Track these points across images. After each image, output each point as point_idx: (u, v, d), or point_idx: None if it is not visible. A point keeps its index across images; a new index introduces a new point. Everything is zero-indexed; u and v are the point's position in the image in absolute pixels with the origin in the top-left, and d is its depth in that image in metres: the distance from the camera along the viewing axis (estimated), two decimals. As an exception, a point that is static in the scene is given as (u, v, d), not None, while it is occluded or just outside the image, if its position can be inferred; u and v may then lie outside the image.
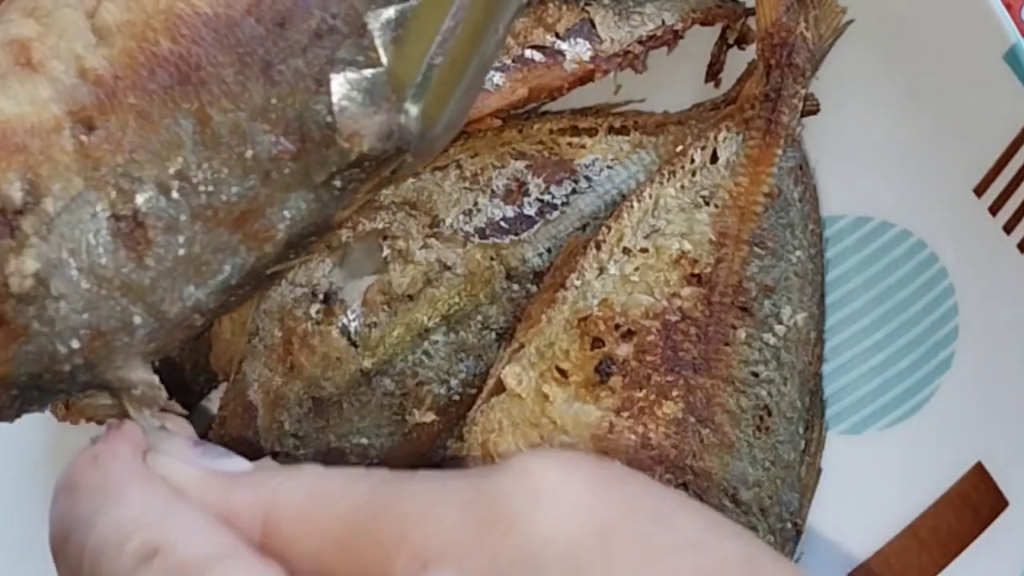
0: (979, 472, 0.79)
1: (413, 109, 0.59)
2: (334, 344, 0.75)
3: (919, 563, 0.80)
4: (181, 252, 0.57)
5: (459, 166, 0.78)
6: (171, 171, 0.56)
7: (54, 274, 0.55)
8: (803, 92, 0.76)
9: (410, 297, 0.75)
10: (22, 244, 0.55)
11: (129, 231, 0.56)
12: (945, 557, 0.79)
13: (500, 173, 0.78)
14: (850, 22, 0.79)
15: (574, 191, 0.78)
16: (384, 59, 0.59)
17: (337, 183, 0.59)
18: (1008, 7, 0.77)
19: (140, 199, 0.56)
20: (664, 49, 0.80)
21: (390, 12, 0.59)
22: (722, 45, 0.82)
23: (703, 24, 0.80)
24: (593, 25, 0.77)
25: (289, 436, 0.75)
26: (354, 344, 0.75)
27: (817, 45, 0.77)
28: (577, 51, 0.77)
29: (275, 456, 0.75)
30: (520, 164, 0.78)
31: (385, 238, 0.76)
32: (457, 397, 0.76)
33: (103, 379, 0.59)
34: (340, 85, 0.58)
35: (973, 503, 0.79)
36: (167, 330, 0.58)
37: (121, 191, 0.56)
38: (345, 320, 0.75)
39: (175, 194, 0.56)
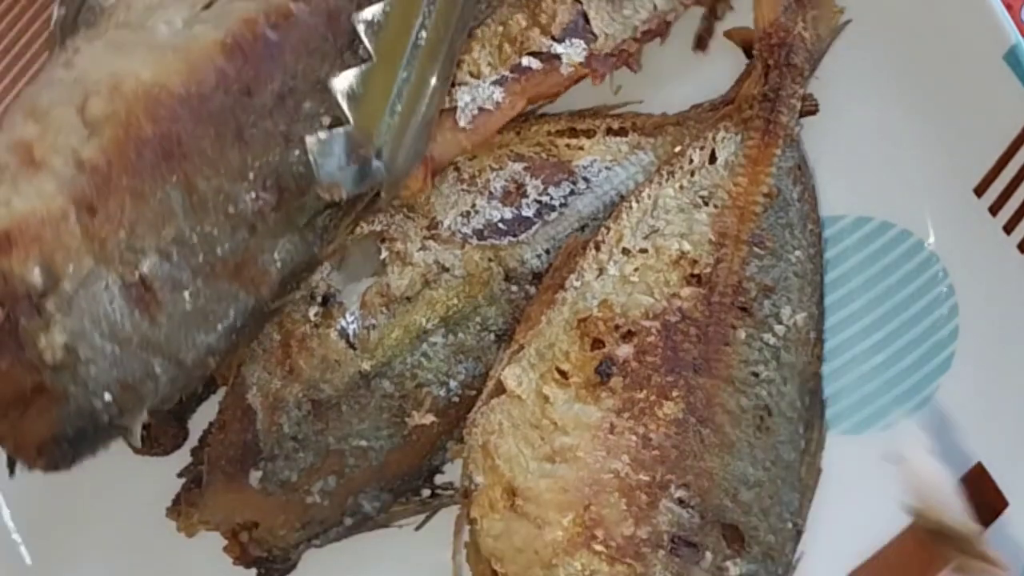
0: (979, 472, 0.79)
1: (381, 157, 0.68)
2: (332, 346, 0.75)
3: (919, 563, 0.79)
4: (188, 306, 0.64)
5: (457, 168, 0.78)
6: (168, 238, 0.63)
7: (80, 343, 0.62)
8: (801, 92, 0.76)
9: (408, 299, 0.75)
10: (48, 322, 0.61)
11: (139, 295, 0.63)
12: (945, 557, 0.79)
13: (498, 175, 0.78)
14: (848, 22, 0.79)
15: (572, 192, 0.78)
16: (350, 117, 0.67)
17: (319, 222, 0.68)
18: (1008, 7, 0.77)
19: (145, 266, 0.63)
20: (662, 52, 0.81)
21: (350, 75, 0.68)
22: (711, 16, 0.82)
23: (698, 4, 0.81)
24: (587, 20, 0.77)
25: (288, 439, 0.75)
26: (352, 346, 0.75)
27: (815, 45, 0.77)
28: (573, 52, 0.77)
29: (274, 459, 0.75)
30: (518, 166, 0.78)
31: (383, 240, 0.76)
32: (456, 399, 0.76)
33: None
34: (314, 144, 0.66)
35: (973, 503, 0.79)
36: (185, 374, 0.66)
37: (126, 262, 0.62)
38: (343, 322, 0.75)
39: (175, 257, 0.63)
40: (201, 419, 0.81)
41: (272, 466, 0.75)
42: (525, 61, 0.77)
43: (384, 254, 0.76)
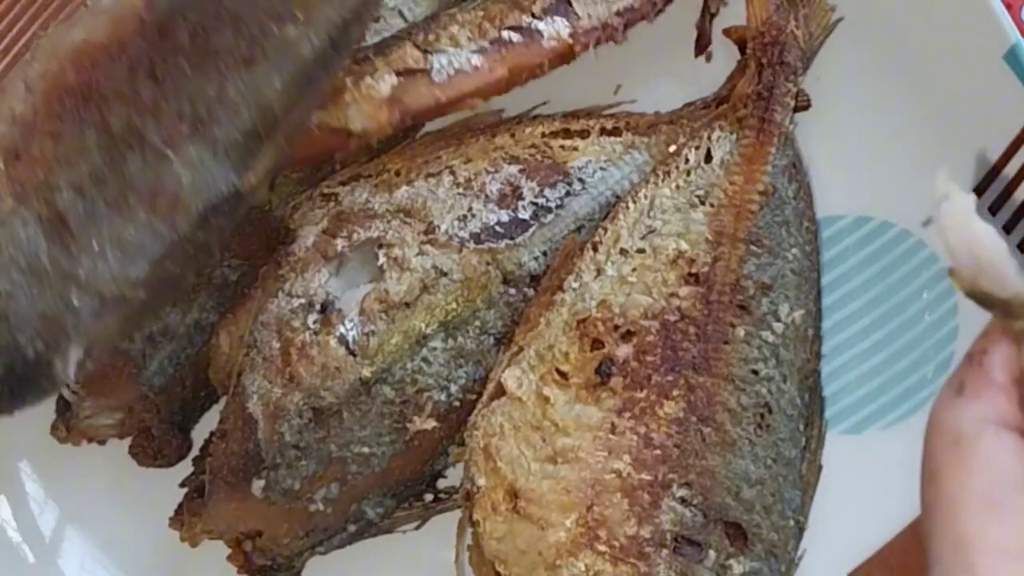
0: (980, 471, 0.79)
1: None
2: (332, 354, 0.75)
3: (919, 563, 0.79)
4: (104, 239, 0.66)
5: (452, 172, 0.78)
6: (82, 173, 0.66)
7: (0, 278, 0.66)
8: (795, 90, 0.77)
9: (407, 304, 0.75)
10: None
11: (55, 229, 0.66)
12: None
13: (494, 178, 0.78)
14: (840, 20, 0.80)
15: (568, 194, 0.78)
16: None
17: (233, 156, 0.69)
18: (1008, 7, 0.77)
19: (60, 202, 0.66)
20: (655, 51, 0.81)
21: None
22: (705, 16, 0.82)
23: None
24: (570, 3, 0.78)
25: (290, 447, 0.75)
26: (352, 353, 0.75)
27: (808, 43, 0.77)
28: (555, 28, 0.77)
29: (276, 468, 0.75)
30: (513, 168, 0.78)
31: (380, 246, 0.76)
32: (457, 403, 0.76)
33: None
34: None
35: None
36: (109, 307, 0.67)
37: (44, 200, 0.66)
38: (343, 329, 0.75)
39: (89, 192, 0.66)
40: (204, 429, 0.81)
41: (275, 475, 0.75)
42: (505, 35, 0.77)
43: (382, 260, 0.76)
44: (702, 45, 0.82)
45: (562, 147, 0.79)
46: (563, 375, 0.73)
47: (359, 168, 0.79)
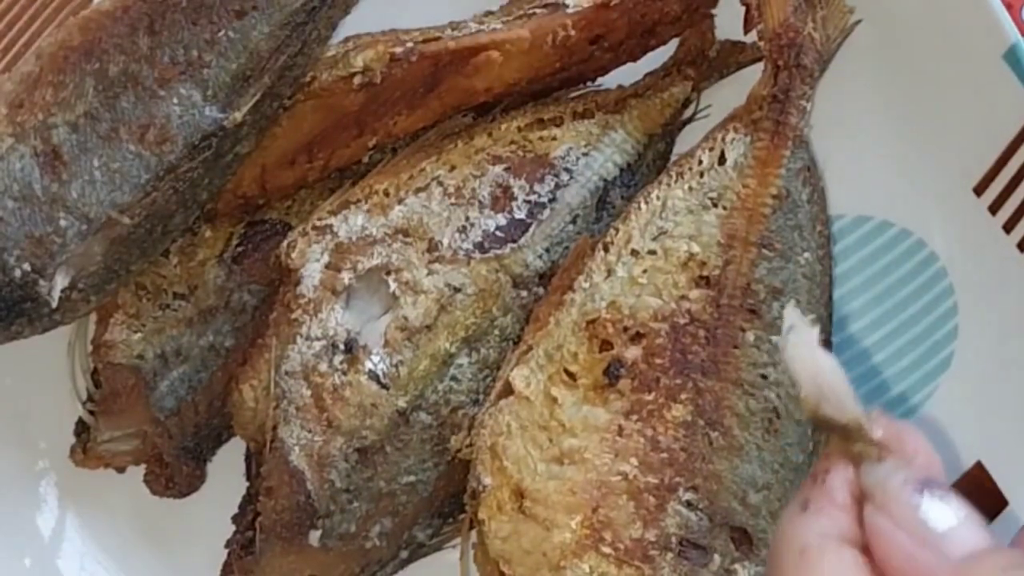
0: (979, 472, 0.79)
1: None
2: (366, 391, 0.74)
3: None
4: (95, 167, 0.72)
5: (440, 183, 0.77)
6: (78, 112, 0.72)
7: None
8: (811, 93, 0.76)
9: (428, 327, 0.75)
10: None
11: (48, 160, 0.72)
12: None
13: (482, 182, 0.78)
14: (858, 22, 0.79)
15: (557, 186, 0.78)
16: None
17: (221, 94, 0.74)
18: (1008, 7, 0.77)
19: (55, 137, 0.72)
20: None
21: None
22: None
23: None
24: None
25: (341, 492, 0.74)
26: (385, 387, 0.74)
27: (825, 46, 0.77)
28: (581, 2, 0.78)
29: (331, 516, 0.74)
30: (499, 168, 0.78)
31: (388, 272, 0.75)
32: (490, 413, 0.75)
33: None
34: None
35: (973, 503, 0.78)
36: (94, 230, 0.72)
37: (41, 137, 0.72)
38: (371, 364, 0.74)
39: (84, 127, 0.72)
40: (221, 463, 0.82)
41: (330, 522, 0.74)
42: (530, 9, 0.79)
43: (393, 286, 0.75)
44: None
45: (540, 138, 0.79)
46: (571, 375, 0.72)
47: (346, 194, 0.78)
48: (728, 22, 0.81)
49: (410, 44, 0.77)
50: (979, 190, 0.79)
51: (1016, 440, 0.79)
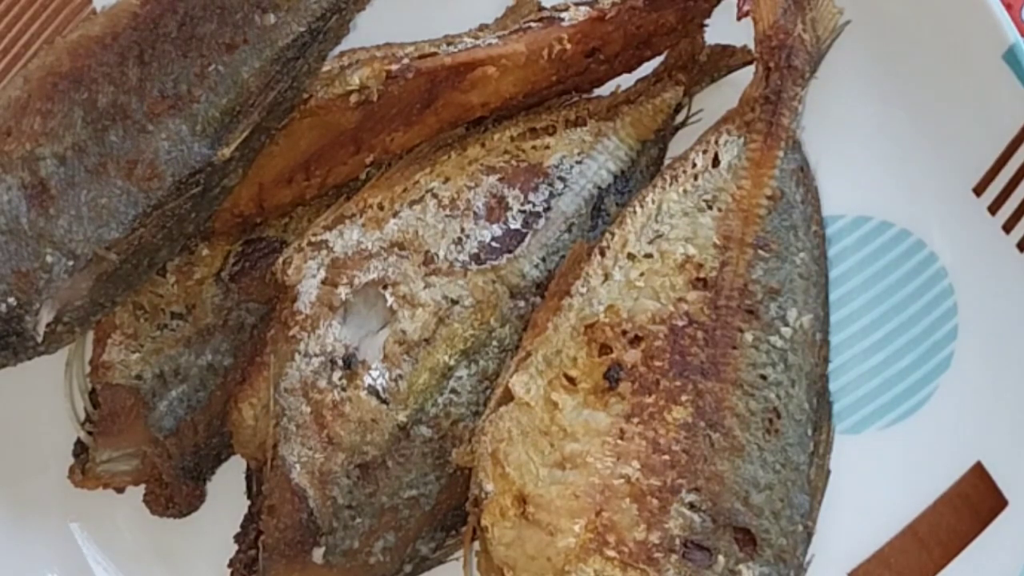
0: (979, 472, 0.79)
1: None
2: (366, 406, 0.74)
3: (919, 563, 0.80)
4: (82, 202, 0.72)
5: (434, 195, 0.77)
6: (66, 145, 0.72)
7: None
8: (803, 94, 0.76)
9: (427, 341, 0.75)
10: None
11: (36, 193, 0.71)
12: (945, 556, 0.79)
13: (476, 193, 0.77)
14: (847, 23, 0.79)
15: (551, 195, 0.78)
16: None
17: (210, 129, 0.74)
18: (1008, 7, 0.78)
19: (43, 170, 0.72)
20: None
21: None
22: None
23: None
24: None
25: (344, 509, 0.74)
26: (384, 401, 0.74)
27: (815, 47, 0.77)
28: (576, 15, 0.79)
29: (334, 532, 0.74)
30: (492, 178, 0.78)
31: (385, 286, 0.75)
32: (491, 424, 0.75)
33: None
34: None
35: (973, 503, 0.79)
36: (82, 267, 0.72)
37: (29, 168, 0.72)
38: (370, 379, 0.74)
39: (71, 160, 0.72)
40: (220, 481, 0.81)
41: (333, 539, 0.74)
42: (525, 24, 0.79)
43: (390, 300, 0.75)
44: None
45: (534, 147, 0.79)
46: (571, 380, 0.72)
47: (341, 209, 0.78)
48: (717, 27, 0.82)
49: (406, 61, 0.77)
50: (979, 190, 0.80)
51: (1016, 440, 0.79)
